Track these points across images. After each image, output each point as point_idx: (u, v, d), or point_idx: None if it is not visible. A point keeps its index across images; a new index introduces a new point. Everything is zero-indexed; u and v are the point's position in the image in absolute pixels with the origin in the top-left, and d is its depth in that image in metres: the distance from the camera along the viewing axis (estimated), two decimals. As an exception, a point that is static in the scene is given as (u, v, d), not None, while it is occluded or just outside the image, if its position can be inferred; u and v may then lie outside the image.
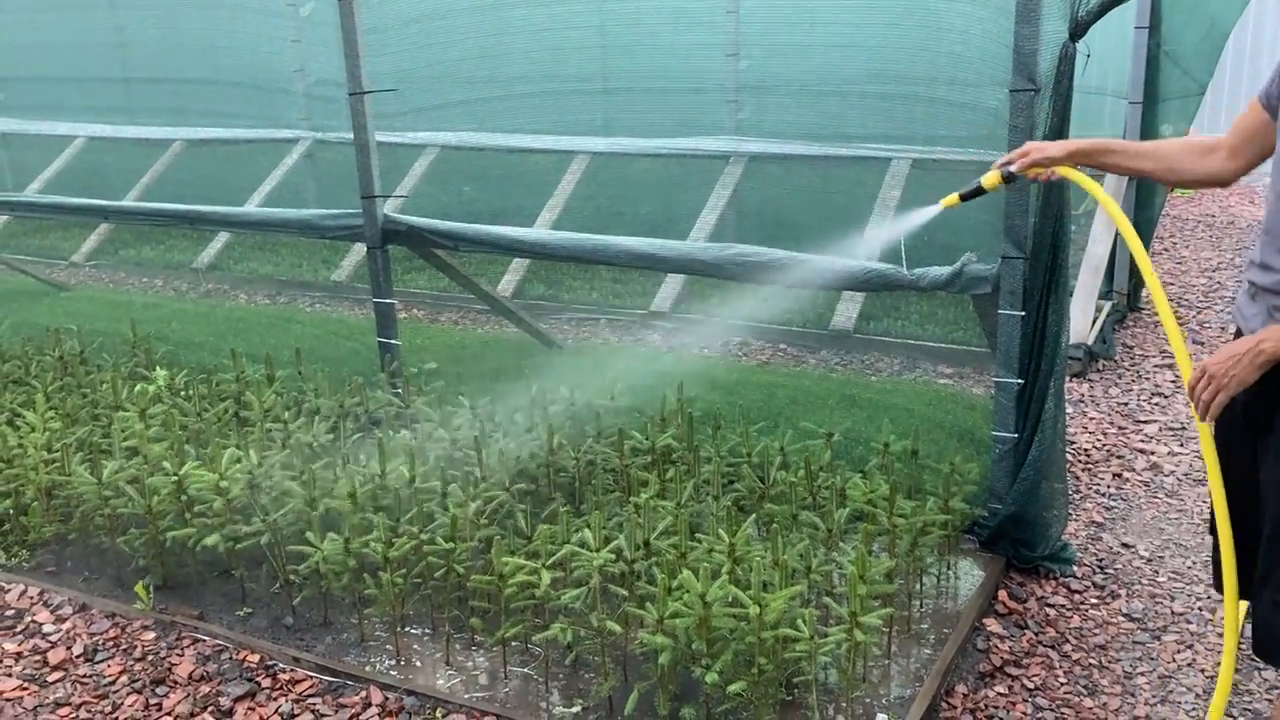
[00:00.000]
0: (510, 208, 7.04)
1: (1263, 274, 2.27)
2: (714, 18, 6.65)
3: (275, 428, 3.95)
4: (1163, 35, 6.14)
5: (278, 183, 7.99)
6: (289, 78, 8.01)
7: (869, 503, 3.31)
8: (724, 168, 6.81)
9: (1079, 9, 3.18)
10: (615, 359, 5.55)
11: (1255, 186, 10.30)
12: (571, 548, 2.95)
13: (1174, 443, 4.67)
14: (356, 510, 3.29)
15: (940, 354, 5.66)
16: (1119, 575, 3.64)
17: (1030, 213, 3.31)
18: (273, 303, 7.21)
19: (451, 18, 6.78)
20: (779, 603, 2.64)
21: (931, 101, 5.86)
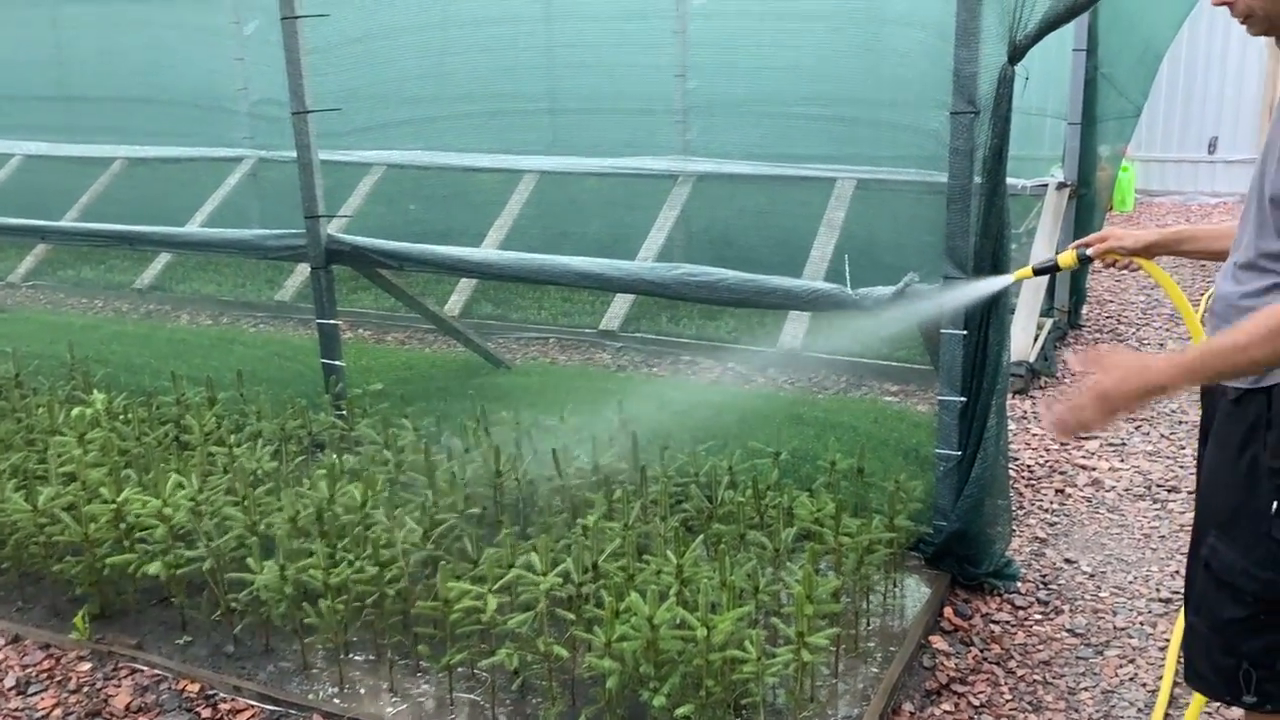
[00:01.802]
0: (457, 227, 7.02)
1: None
2: (662, 39, 6.69)
3: (217, 452, 3.89)
4: (1100, 58, 6.28)
5: (221, 202, 7.90)
6: (232, 96, 7.93)
7: (816, 521, 3.32)
8: (672, 187, 6.84)
9: (1017, 33, 3.23)
10: (564, 378, 5.53)
11: (1191, 205, 10.55)
12: (518, 571, 2.92)
13: (1114, 458, 4.74)
14: (297, 536, 3.24)
15: (886, 372, 5.72)
16: (1062, 591, 3.69)
17: (971, 233, 3.35)
18: (215, 323, 7.11)
19: (396, 37, 6.76)
20: (726, 624, 2.64)
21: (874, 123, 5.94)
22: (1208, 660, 2.30)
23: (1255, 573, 2.17)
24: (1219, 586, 2.25)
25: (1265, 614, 2.19)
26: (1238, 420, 2.23)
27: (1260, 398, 2.18)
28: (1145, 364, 2.07)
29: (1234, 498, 2.21)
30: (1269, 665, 2.20)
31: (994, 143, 3.28)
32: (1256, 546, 2.16)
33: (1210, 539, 2.27)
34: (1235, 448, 2.23)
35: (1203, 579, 2.30)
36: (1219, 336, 2.04)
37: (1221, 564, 2.24)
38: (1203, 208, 10.48)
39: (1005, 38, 3.23)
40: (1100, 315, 6.86)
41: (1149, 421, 5.13)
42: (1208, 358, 2.03)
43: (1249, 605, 2.20)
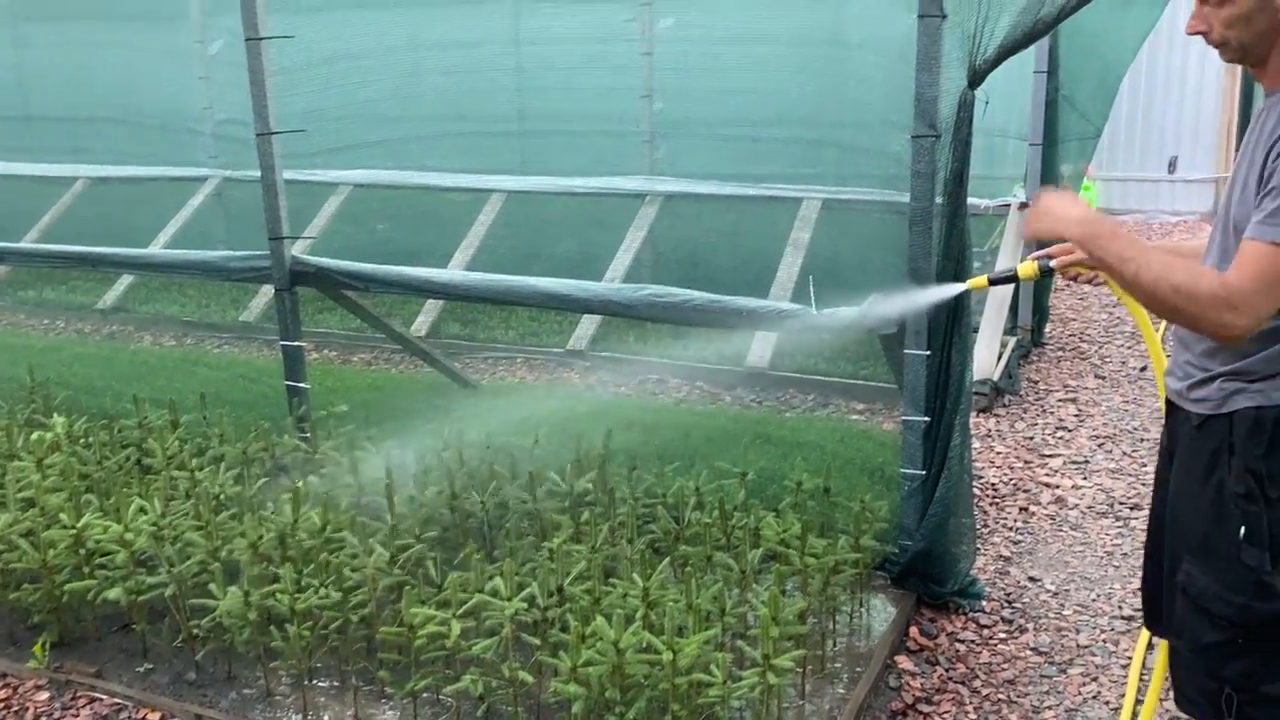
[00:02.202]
0: (425, 247, 7.00)
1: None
2: (629, 61, 6.73)
3: (180, 476, 3.85)
4: (1060, 80, 6.37)
5: (185, 222, 7.84)
6: (197, 116, 7.89)
7: (782, 542, 3.33)
8: (639, 207, 6.86)
9: (976, 58, 3.28)
10: (531, 399, 5.52)
11: (1152, 224, 10.70)
12: (483, 597, 2.91)
13: (1077, 476, 4.79)
14: (260, 561, 3.21)
15: (852, 390, 5.75)
16: (1026, 609, 3.71)
17: (933, 254, 3.39)
18: (179, 345, 7.05)
19: (363, 58, 6.76)
20: (692, 648, 2.64)
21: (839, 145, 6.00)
22: (1192, 684, 2.32)
23: (1229, 598, 2.20)
24: (1197, 612, 2.27)
25: (1242, 638, 2.20)
26: (1201, 447, 2.26)
27: (1222, 424, 2.21)
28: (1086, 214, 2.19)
29: (1203, 524, 2.24)
30: (1250, 689, 2.21)
31: (955, 165, 3.32)
32: (1228, 572, 2.19)
33: (1185, 564, 2.29)
34: (1201, 474, 2.26)
35: (1181, 604, 2.31)
36: (1162, 259, 2.09)
37: (1197, 589, 2.26)
38: (1164, 226, 10.63)
39: (965, 62, 3.28)
40: (1063, 333, 6.94)
41: (1111, 440, 5.19)
42: (1124, 249, 2.11)
43: (1225, 630, 2.21)
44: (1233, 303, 1.99)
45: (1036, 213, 2.27)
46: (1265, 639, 2.20)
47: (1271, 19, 2.08)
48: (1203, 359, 2.23)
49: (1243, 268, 2.01)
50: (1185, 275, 2.04)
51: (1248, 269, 2.00)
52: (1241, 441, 2.16)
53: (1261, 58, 2.14)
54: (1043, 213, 2.25)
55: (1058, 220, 2.21)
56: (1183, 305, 2.04)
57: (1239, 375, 2.16)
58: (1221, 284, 2.00)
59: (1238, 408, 2.17)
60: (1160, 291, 2.05)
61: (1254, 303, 1.99)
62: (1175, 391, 2.33)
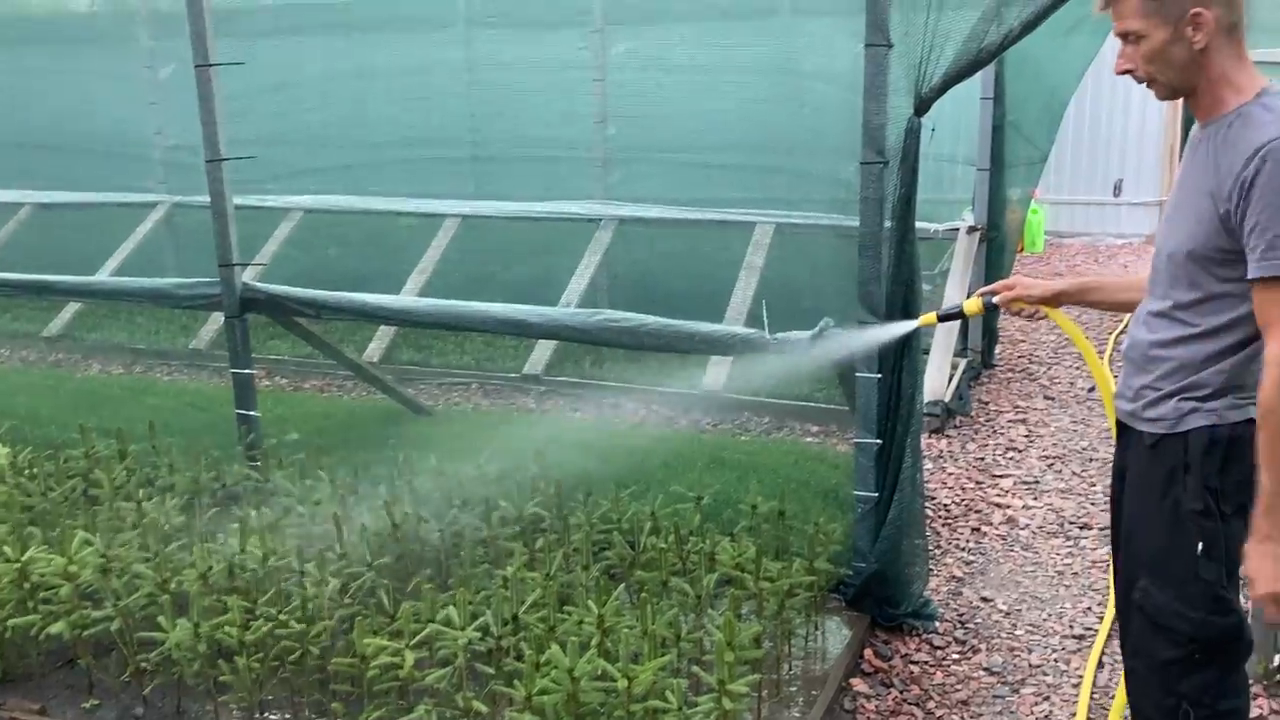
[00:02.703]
0: (378, 272, 6.95)
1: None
2: (582, 87, 6.76)
3: (127, 507, 3.78)
4: (1006, 106, 6.48)
5: (134, 248, 7.74)
6: (146, 141, 7.81)
7: (737, 566, 3.34)
8: (594, 232, 6.88)
9: (922, 86, 3.34)
10: (486, 425, 5.50)
11: (1099, 246, 10.89)
12: (436, 626, 2.89)
13: (1028, 496, 4.85)
14: (209, 592, 3.16)
15: (806, 413, 5.78)
16: (979, 630, 3.75)
17: (883, 278, 3.43)
18: (128, 373, 6.94)
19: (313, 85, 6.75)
20: (647, 674, 2.63)
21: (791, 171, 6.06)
22: (1149, 701, 2.36)
23: (1187, 613, 2.24)
24: (1154, 629, 2.30)
25: (1199, 653, 2.25)
26: (1157, 465, 2.30)
27: (1177, 443, 2.25)
28: (1254, 545, 2.12)
29: (1160, 541, 2.28)
30: (1207, 704, 2.25)
31: (902, 191, 3.37)
32: (1186, 587, 2.23)
33: (1142, 583, 2.33)
34: (1157, 493, 2.30)
35: (1138, 622, 2.35)
36: (1265, 469, 2.08)
37: (1154, 606, 2.29)
38: (1110, 248, 10.82)
39: (911, 91, 3.34)
40: (1013, 355, 7.04)
41: (1061, 460, 5.26)
42: (1267, 484, 2.08)
43: (1183, 645, 2.25)
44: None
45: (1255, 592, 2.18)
46: (1221, 654, 2.25)
47: (1187, 50, 2.14)
48: (1156, 380, 2.28)
49: (1273, 325, 2.05)
50: (1264, 410, 2.06)
51: (1276, 322, 2.05)
52: (1197, 460, 2.20)
53: (1192, 90, 2.19)
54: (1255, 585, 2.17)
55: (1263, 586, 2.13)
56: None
57: (1192, 393, 2.21)
58: (1278, 363, 2.03)
59: (1192, 427, 2.22)
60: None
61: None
62: (1127, 413, 2.37)
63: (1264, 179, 2.02)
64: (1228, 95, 2.16)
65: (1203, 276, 2.18)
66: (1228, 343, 2.16)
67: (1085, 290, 2.68)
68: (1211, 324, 2.18)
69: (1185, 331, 2.22)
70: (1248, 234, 2.06)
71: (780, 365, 3.57)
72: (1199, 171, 2.18)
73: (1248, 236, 2.06)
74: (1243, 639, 2.27)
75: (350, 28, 7.01)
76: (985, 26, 3.23)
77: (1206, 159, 2.16)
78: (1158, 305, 2.30)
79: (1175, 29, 2.12)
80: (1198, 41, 2.12)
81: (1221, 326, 2.17)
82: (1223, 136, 2.13)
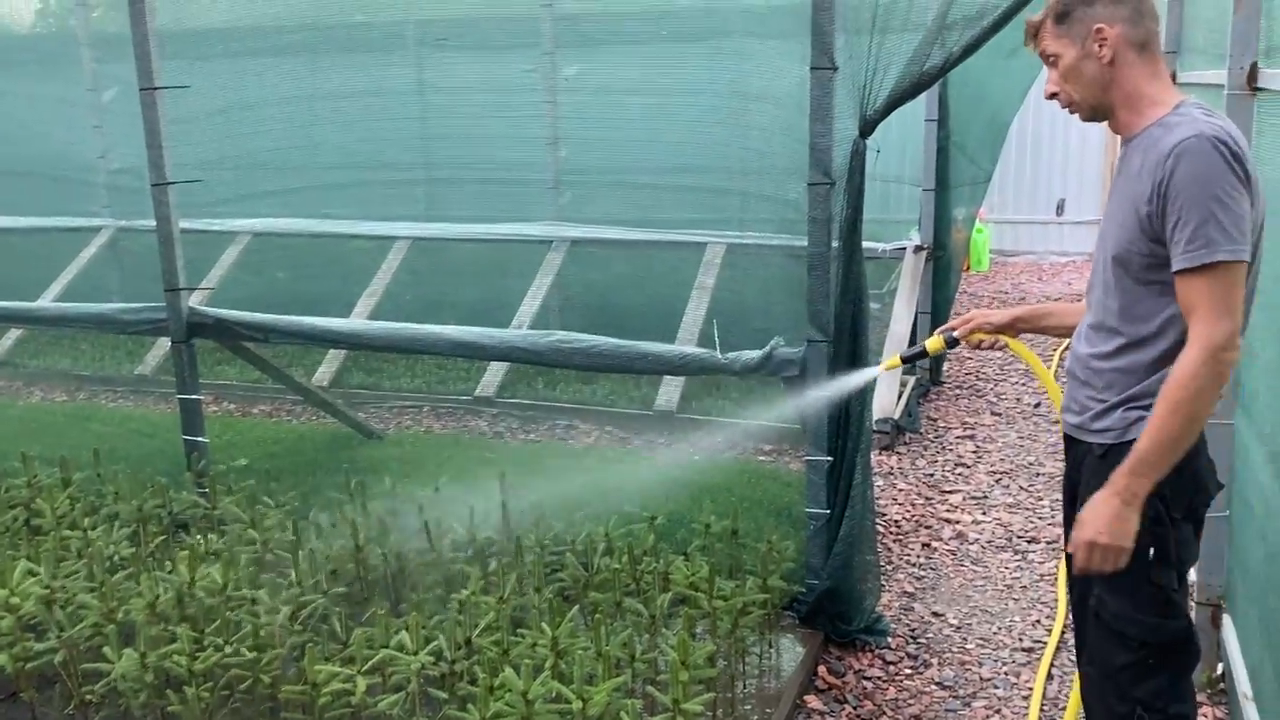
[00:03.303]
0: (328, 295, 6.91)
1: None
2: (534, 109, 6.77)
3: (72, 535, 3.72)
4: (951, 127, 6.60)
5: (78, 273, 7.62)
6: (90, 165, 7.69)
7: (691, 586, 3.35)
8: (546, 254, 6.88)
9: (867, 108, 3.39)
10: (438, 448, 5.47)
11: (1043, 264, 11.08)
12: (389, 652, 2.87)
13: (977, 511, 4.91)
14: (157, 621, 3.11)
15: (759, 432, 5.80)
16: (930, 644, 3.78)
17: (831, 298, 3.47)
18: (71, 400, 6.82)
19: (260, 108, 6.69)
20: (602, 695, 2.63)
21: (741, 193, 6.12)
22: (1103, 707, 2.40)
23: (1140, 618, 2.29)
24: (1109, 635, 2.35)
25: (1152, 658, 2.30)
26: (1106, 475, 2.35)
27: (1125, 452, 2.30)
28: (1103, 496, 2.21)
29: None
30: (1160, 709, 2.30)
31: (849, 212, 3.42)
32: (1139, 592, 2.28)
33: (1096, 591, 2.37)
34: None
35: (1093, 629, 2.40)
36: (1148, 434, 2.15)
37: (1109, 613, 2.34)
38: (1054, 266, 11.02)
39: (857, 113, 3.39)
40: (961, 372, 7.13)
41: (1008, 475, 5.34)
42: (1144, 448, 2.16)
43: (1136, 650, 2.31)
44: (1218, 346, 2.09)
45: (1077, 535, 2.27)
46: (1174, 658, 2.30)
47: (1097, 66, 2.25)
48: (1100, 392, 2.33)
49: (1196, 310, 2.11)
50: (1175, 385, 2.12)
51: (1200, 307, 2.11)
52: None
53: (1108, 109, 2.29)
54: (1082, 527, 2.26)
55: (1088, 531, 2.23)
56: (1200, 393, 2.11)
57: (1137, 402, 2.27)
58: (1203, 344, 2.10)
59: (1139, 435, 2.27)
60: (1182, 414, 2.12)
61: (1228, 327, 2.10)
62: (1075, 426, 2.43)
63: (1178, 176, 2.10)
64: (1146, 109, 2.26)
65: (1130, 282, 2.25)
66: (1162, 348, 2.23)
67: (1039, 316, 2.76)
68: (1143, 331, 2.25)
69: (1121, 341, 2.29)
70: (1170, 231, 2.13)
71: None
72: (1125, 183, 2.26)
73: (1170, 233, 2.13)
74: (1192, 643, 2.33)
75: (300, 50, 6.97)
76: (927, 49, 3.30)
77: (1131, 167, 2.25)
78: (1094, 318, 2.37)
79: (1083, 46, 2.26)
80: (1103, 56, 2.24)
81: (1153, 333, 2.24)
82: (1145, 146, 2.21)
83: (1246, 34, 3.10)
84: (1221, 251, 2.07)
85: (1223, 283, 2.09)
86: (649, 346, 3.89)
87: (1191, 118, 2.16)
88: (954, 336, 2.81)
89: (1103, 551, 2.20)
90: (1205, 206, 2.08)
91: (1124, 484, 2.18)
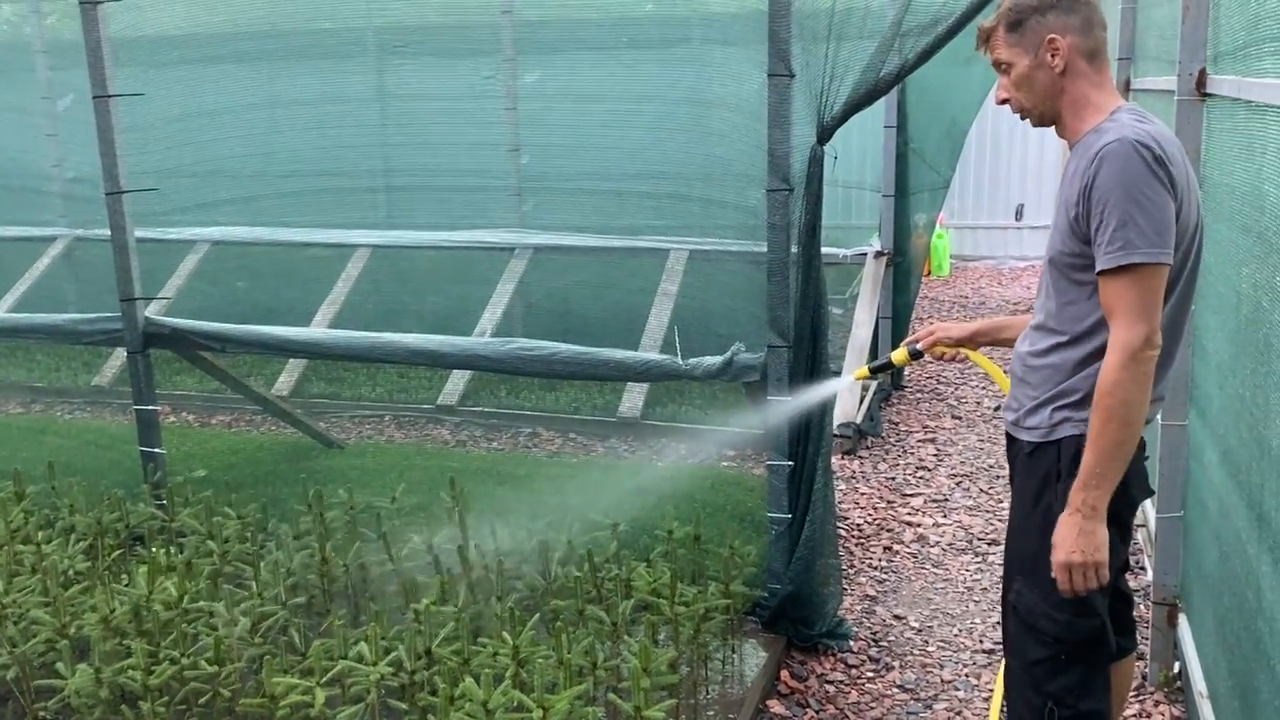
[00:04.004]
0: (287, 304, 6.85)
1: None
2: (494, 116, 6.76)
3: (25, 550, 3.66)
4: (909, 134, 6.66)
5: (32, 284, 7.51)
6: (45, 174, 7.59)
7: (653, 592, 3.34)
8: (509, 261, 6.86)
9: (825, 115, 3.42)
10: (400, 457, 5.43)
11: (1002, 269, 11.18)
12: (348, 663, 2.84)
13: (938, 514, 4.95)
14: (112, 636, 3.07)
15: (722, 438, 5.82)
16: (892, 647, 3.80)
17: (791, 303, 3.49)
18: (26, 412, 6.72)
19: (218, 115, 6.63)
20: (563, 704, 2.62)
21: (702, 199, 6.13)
22: (1021, 699, 2.45)
23: (1055, 615, 2.33)
24: (1025, 629, 2.41)
25: (1065, 655, 2.35)
26: (1031, 473, 2.40)
27: (1051, 450, 2.35)
28: (1064, 517, 2.24)
29: (1033, 545, 2.37)
30: (1070, 705, 2.35)
31: (807, 218, 3.44)
32: (1054, 590, 2.31)
33: (1016, 585, 2.43)
34: (1031, 498, 2.40)
35: (1013, 622, 2.46)
36: (1090, 447, 2.18)
37: (1026, 607, 2.39)
38: (1013, 270, 11.12)
39: (814, 119, 3.41)
40: (921, 376, 7.18)
41: (969, 478, 5.38)
42: (1090, 461, 2.18)
43: (1050, 646, 2.36)
44: (1135, 348, 2.12)
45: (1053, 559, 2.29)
46: (1085, 655, 2.35)
47: (1049, 75, 2.30)
48: (1034, 387, 2.38)
49: (1114, 313, 2.15)
50: (1102, 394, 2.15)
51: (1118, 309, 2.14)
52: (1067, 467, 2.30)
53: (1056, 115, 2.34)
54: (1055, 551, 2.27)
55: (1061, 553, 2.25)
56: (1127, 397, 2.14)
57: (1064, 399, 2.31)
58: (1120, 348, 2.13)
59: (1064, 435, 2.32)
60: (1116, 420, 2.15)
61: (1142, 330, 2.12)
62: (1011, 423, 2.48)
63: (1102, 178, 2.15)
64: (1089, 116, 2.30)
65: (1063, 283, 2.31)
66: (1091, 347, 2.27)
67: (998, 328, 2.82)
68: (1075, 330, 2.30)
69: (1055, 340, 2.34)
70: (1094, 233, 2.17)
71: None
72: (1063, 187, 2.32)
73: (1095, 235, 2.17)
74: (1105, 642, 2.36)
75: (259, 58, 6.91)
76: (883, 56, 3.33)
77: (1067, 175, 2.30)
78: (1035, 319, 2.43)
79: (1036, 56, 2.30)
80: (1056, 66, 2.28)
81: (1084, 332, 2.28)
82: (1080, 152, 2.26)
83: (1195, 41, 3.15)
84: (1138, 254, 2.11)
85: (1140, 285, 2.13)
86: (611, 353, 3.89)
87: (1119, 123, 2.21)
88: (918, 348, 2.89)
89: (1080, 569, 2.23)
90: (1125, 209, 2.11)
91: (1080, 499, 2.21)
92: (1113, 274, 2.14)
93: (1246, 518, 2.67)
